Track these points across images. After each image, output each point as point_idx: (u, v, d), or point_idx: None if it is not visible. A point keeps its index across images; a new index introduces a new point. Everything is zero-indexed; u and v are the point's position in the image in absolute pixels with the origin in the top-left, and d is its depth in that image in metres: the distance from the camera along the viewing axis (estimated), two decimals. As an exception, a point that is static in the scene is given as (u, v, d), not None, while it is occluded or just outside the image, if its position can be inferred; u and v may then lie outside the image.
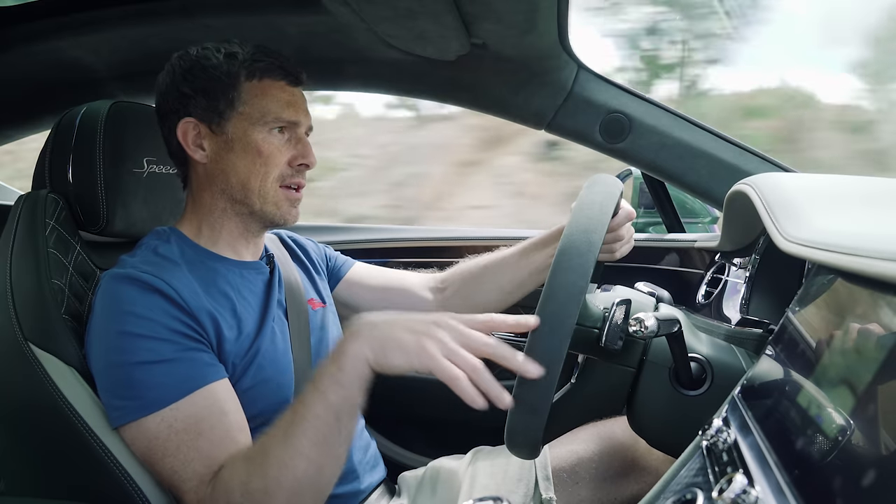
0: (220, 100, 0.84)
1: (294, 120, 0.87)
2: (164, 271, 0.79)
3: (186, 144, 0.86)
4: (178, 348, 0.75)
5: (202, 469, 0.72)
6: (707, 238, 1.33)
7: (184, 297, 0.77)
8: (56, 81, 1.32)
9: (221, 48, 0.86)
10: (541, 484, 0.94)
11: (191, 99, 0.85)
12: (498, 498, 0.56)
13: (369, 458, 0.99)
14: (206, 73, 0.84)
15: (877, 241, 0.41)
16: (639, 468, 0.96)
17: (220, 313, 0.81)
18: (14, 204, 0.88)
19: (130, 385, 0.73)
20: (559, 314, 0.60)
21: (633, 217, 0.98)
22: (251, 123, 0.85)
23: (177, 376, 0.74)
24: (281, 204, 0.88)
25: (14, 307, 0.80)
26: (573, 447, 1.00)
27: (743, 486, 0.41)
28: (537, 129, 1.27)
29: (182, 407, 0.73)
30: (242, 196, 0.87)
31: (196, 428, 0.73)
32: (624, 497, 0.95)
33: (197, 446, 0.72)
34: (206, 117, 0.85)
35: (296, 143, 0.88)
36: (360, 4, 0.94)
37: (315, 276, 1.06)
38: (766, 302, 0.92)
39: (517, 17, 0.95)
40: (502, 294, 1.07)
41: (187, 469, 0.72)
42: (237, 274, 0.89)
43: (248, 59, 0.85)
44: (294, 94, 0.89)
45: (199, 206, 0.90)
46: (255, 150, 0.85)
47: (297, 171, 0.89)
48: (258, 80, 0.85)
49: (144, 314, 0.75)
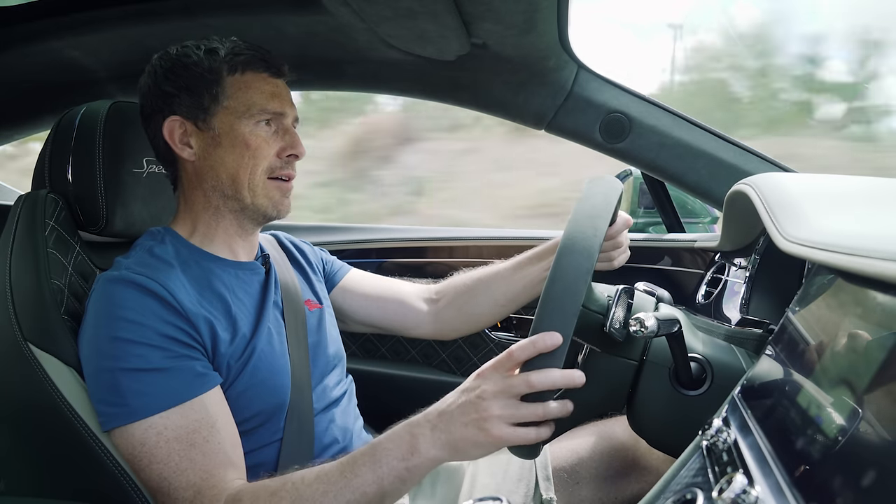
0: (204, 96, 0.84)
1: (279, 111, 0.87)
2: (159, 273, 0.79)
3: (174, 143, 0.86)
4: (169, 356, 0.75)
5: (198, 481, 0.71)
6: (707, 238, 1.33)
7: (179, 300, 0.77)
8: (56, 81, 1.32)
9: (201, 45, 0.86)
10: (541, 484, 0.94)
11: (174, 97, 0.85)
12: (498, 498, 0.56)
13: None
14: (187, 70, 0.84)
15: (877, 241, 0.41)
16: (639, 468, 0.96)
17: (215, 316, 0.81)
18: (14, 204, 0.88)
19: (118, 391, 0.73)
20: (567, 293, 0.61)
21: (630, 224, 0.99)
22: (237, 117, 0.85)
23: (166, 386, 0.73)
24: (272, 195, 0.88)
25: (13, 307, 0.80)
26: (574, 447, 1.00)
27: (743, 486, 0.41)
28: (537, 128, 1.27)
29: (171, 416, 0.72)
30: (233, 191, 0.86)
31: (188, 439, 0.72)
32: (625, 497, 0.95)
33: (190, 457, 0.72)
34: (192, 114, 0.85)
35: (283, 133, 0.88)
36: (360, 4, 0.94)
37: (312, 277, 1.05)
38: (766, 302, 0.92)
39: (517, 17, 0.95)
40: (496, 307, 1.07)
41: (181, 478, 0.71)
42: (232, 274, 0.88)
43: (230, 54, 0.85)
44: (277, 85, 0.88)
45: (191, 206, 0.89)
46: (242, 143, 0.85)
47: (286, 163, 0.89)
48: (240, 73, 0.85)
49: (136, 319, 0.74)
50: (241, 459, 0.76)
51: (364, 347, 1.58)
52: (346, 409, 0.97)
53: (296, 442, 0.85)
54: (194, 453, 0.72)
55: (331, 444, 0.91)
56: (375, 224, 1.75)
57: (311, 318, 0.97)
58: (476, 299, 1.08)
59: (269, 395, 0.84)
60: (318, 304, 1.01)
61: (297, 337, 0.91)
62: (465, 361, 1.50)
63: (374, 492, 0.67)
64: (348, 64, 1.24)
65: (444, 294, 1.12)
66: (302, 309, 0.96)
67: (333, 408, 0.94)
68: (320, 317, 0.99)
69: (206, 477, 0.71)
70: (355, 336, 1.57)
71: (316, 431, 0.89)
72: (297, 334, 0.92)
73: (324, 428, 0.90)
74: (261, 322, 0.86)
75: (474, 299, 1.09)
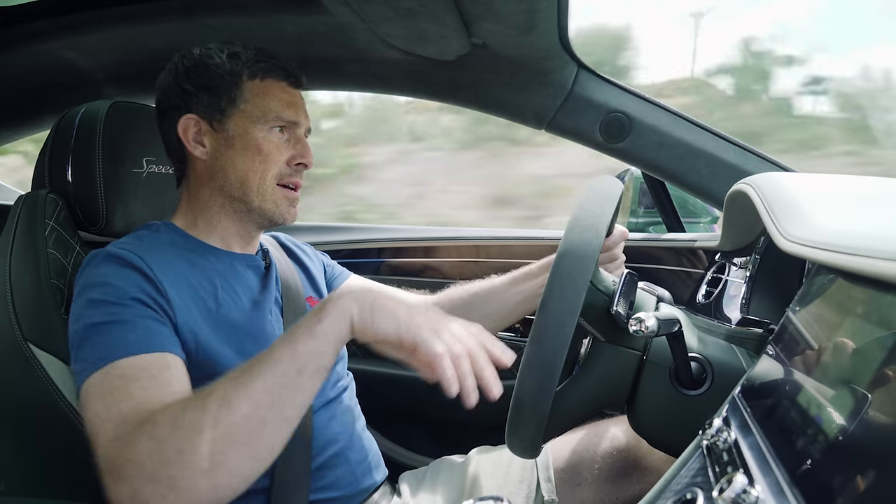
0: (223, 97, 0.86)
1: (294, 120, 0.89)
2: (143, 250, 0.79)
3: (187, 140, 0.87)
4: (137, 314, 0.72)
5: (127, 411, 0.64)
6: (707, 238, 1.33)
7: (156, 274, 0.76)
8: (56, 82, 1.32)
9: (224, 48, 0.88)
10: (543, 486, 0.94)
11: (193, 96, 0.86)
12: (499, 498, 0.56)
13: (371, 458, 0.98)
14: (209, 70, 0.86)
15: (877, 241, 0.41)
16: (641, 468, 0.96)
17: (198, 295, 0.80)
18: (14, 204, 0.88)
19: (84, 345, 0.70)
20: (575, 268, 0.61)
21: (627, 237, 1.00)
22: (252, 121, 0.86)
23: (130, 337, 0.70)
24: (280, 202, 0.89)
25: (13, 307, 0.81)
26: (575, 448, 1.00)
27: (743, 486, 0.41)
28: (537, 128, 1.27)
29: (129, 362, 0.68)
30: (241, 193, 0.87)
31: (135, 375, 0.67)
32: (626, 497, 0.94)
33: (129, 391, 0.65)
34: (208, 114, 0.86)
35: (295, 142, 0.90)
36: (360, 4, 0.94)
37: (315, 274, 1.06)
38: (766, 302, 0.92)
39: (517, 17, 0.95)
40: (490, 322, 1.07)
41: (111, 410, 0.64)
42: (227, 263, 0.88)
43: (251, 60, 0.87)
44: (295, 95, 0.90)
45: (195, 202, 0.90)
46: (255, 147, 0.86)
47: (295, 171, 0.90)
48: (260, 79, 0.87)
49: (110, 282, 0.74)
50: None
51: (364, 347, 1.57)
52: (347, 407, 0.97)
53: (294, 439, 0.85)
54: (132, 390, 0.66)
55: (331, 442, 0.91)
56: (374, 224, 1.75)
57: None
58: (471, 314, 1.07)
59: None
60: (319, 301, 1.01)
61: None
62: (465, 361, 1.49)
63: (287, 356, 0.61)
64: (348, 64, 1.24)
65: (440, 306, 1.12)
66: (303, 305, 0.96)
67: (333, 404, 0.94)
68: None
69: (136, 408, 0.64)
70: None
71: (315, 428, 0.89)
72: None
73: (323, 425, 0.90)
74: (255, 315, 0.86)
75: (469, 314, 1.06)
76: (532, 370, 0.63)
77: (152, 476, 0.57)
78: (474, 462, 1.02)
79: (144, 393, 0.65)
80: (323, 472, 0.89)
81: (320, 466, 0.89)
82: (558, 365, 0.61)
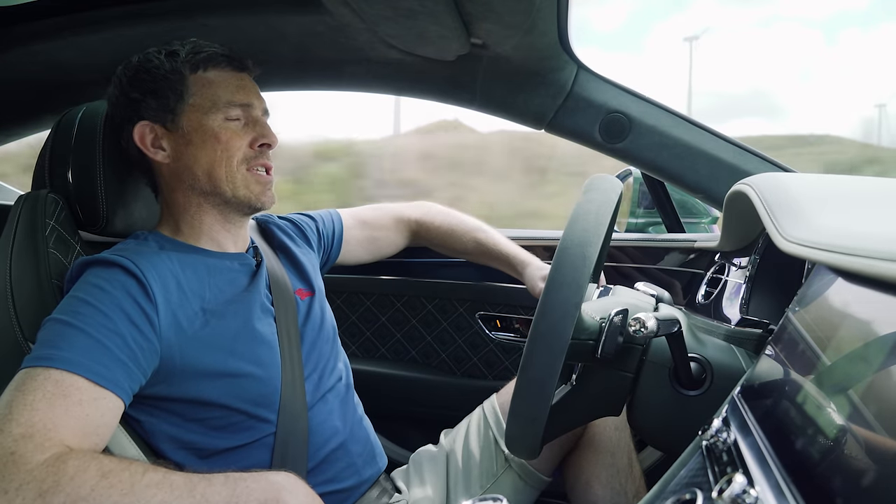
0: (170, 97, 0.86)
1: (246, 101, 0.88)
2: (136, 255, 0.79)
3: (146, 148, 0.87)
4: (107, 331, 0.71)
5: (38, 423, 0.63)
6: (707, 238, 1.34)
7: (148, 279, 0.77)
8: (56, 81, 1.32)
9: (162, 50, 0.88)
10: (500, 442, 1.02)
11: (141, 103, 0.86)
12: (499, 498, 0.56)
13: (372, 447, 0.99)
14: (150, 74, 0.86)
15: (877, 241, 0.41)
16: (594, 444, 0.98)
17: (188, 299, 0.81)
18: (14, 204, 0.88)
19: (51, 337, 0.70)
20: (554, 331, 0.61)
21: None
22: (204, 113, 0.86)
23: (82, 352, 0.69)
24: (251, 186, 0.88)
25: (14, 307, 0.81)
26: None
27: (743, 486, 0.41)
28: (537, 128, 1.27)
29: (66, 380, 0.67)
30: (211, 187, 0.87)
31: (63, 398, 0.65)
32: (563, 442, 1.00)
33: (51, 404, 0.65)
34: (160, 117, 0.86)
35: (253, 124, 0.89)
36: (360, 4, 0.94)
37: (301, 260, 1.03)
38: (766, 302, 0.92)
39: (517, 17, 0.95)
40: (463, 255, 1.28)
41: (22, 414, 0.63)
42: (216, 263, 0.88)
43: (190, 54, 0.87)
44: (242, 78, 0.90)
45: (174, 208, 0.90)
46: (213, 137, 0.86)
47: (260, 153, 0.89)
48: (203, 71, 0.87)
49: (102, 286, 0.75)
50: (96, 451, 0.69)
51: (364, 347, 1.58)
52: (345, 399, 0.97)
53: (290, 434, 0.85)
54: (56, 405, 0.65)
55: (330, 435, 0.91)
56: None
57: (303, 307, 0.97)
58: (446, 246, 1.27)
59: (260, 385, 0.84)
60: (309, 293, 1.00)
61: (287, 329, 0.91)
62: (465, 361, 1.50)
63: (198, 497, 0.62)
64: (348, 64, 1.24)
65: (422, 228, 1.26)
66: (292, 299, 0.95)
67: (331, 397, 0.94)
68: (311, 305, 0.99)
69: (49, 426, 0.63)
70: (355, 336, 1.57)
71: (313, 422, 0.89)
72: (287, 327, 0.91)
73: (322, 419, 0.90)
74: (247, 314, 0.86)
75: (445, 245, 1.27)
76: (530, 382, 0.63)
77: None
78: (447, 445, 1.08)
79: (64, 415, 0.65)
80: (325, 466, 0.89)
81: (322, 461, 0.89)
82: (552, 380, 0.62)
